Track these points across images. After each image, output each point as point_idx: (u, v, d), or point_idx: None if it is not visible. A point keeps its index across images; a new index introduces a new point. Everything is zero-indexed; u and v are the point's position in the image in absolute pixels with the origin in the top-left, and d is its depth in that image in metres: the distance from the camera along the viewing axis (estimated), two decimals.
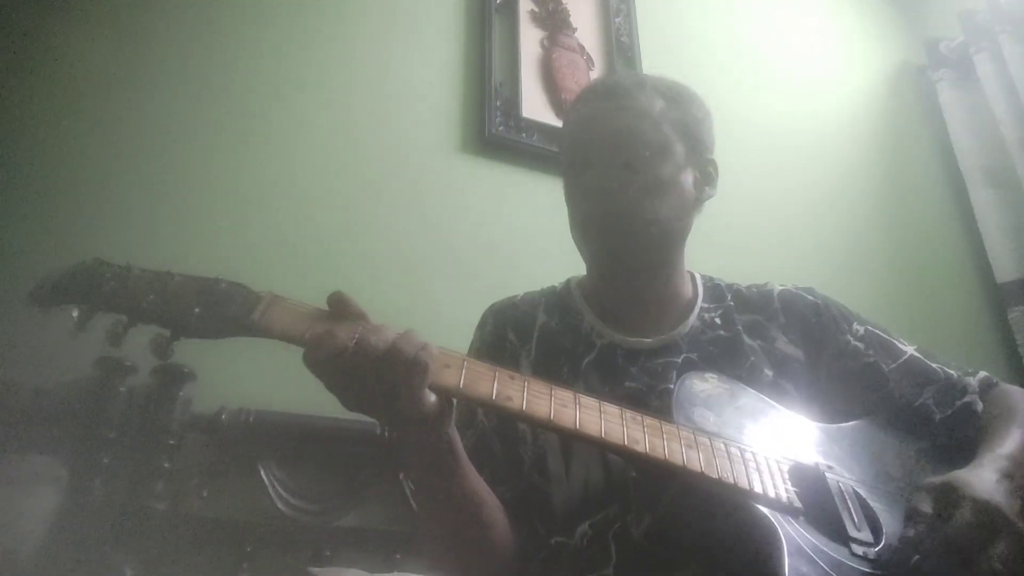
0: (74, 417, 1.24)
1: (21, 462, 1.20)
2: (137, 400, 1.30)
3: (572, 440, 0.87)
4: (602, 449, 0.78)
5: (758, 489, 0.76)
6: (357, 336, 0.69)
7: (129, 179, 1.50)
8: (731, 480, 0.75)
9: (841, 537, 0.78)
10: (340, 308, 0.73)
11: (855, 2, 2.84)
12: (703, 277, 1.13)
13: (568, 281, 1.13)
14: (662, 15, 2.31)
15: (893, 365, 1.04)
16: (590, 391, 0.92)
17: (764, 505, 0.76)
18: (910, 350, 1.07)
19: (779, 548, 0.72)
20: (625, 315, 1.04)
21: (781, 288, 1.11)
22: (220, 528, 1.31)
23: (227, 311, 0.71)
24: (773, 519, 0.75)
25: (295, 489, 1.38)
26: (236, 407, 1.35)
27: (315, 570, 1.30)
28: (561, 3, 2.17)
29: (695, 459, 0.75)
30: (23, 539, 1.15)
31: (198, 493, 1.31)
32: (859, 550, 0.77)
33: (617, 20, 2.22)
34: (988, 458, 0.86)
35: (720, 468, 0.76)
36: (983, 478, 0.81)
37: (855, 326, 1.07)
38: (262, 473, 1.36)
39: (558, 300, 1.09)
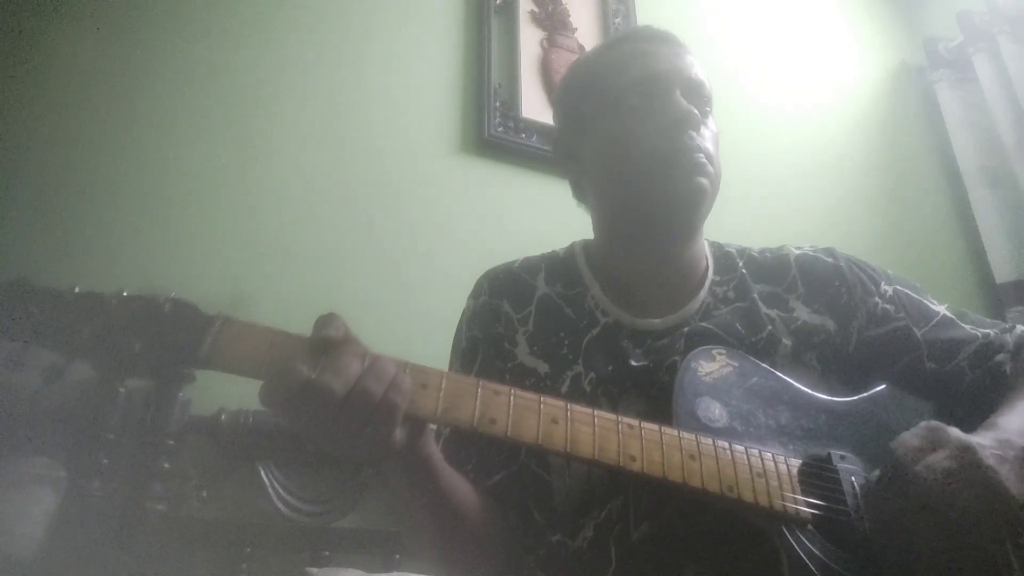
0: (73, 418, 1.24)
1: (20, 463, 1.20)
2: (136, 401, 1.30)
3: (566, 459, 0.81)
4: (597, 468, 0.74)
5: (764, 503, 0.72)
6: (315, 379, 0.61)
7: (118, 181, 1.50)
8: (734, 494, 0.72)
9: (849, 545, 0.74)
10: (323, 333, 0.65)
11: (854, 2, 2.84)
12: (711, 244, 1.04)
13: (572, 246, 1.05)
14: (661, 16, 2.30)
15: (925, 328, 0.95)
16: (592, 370, 0.88)
17: (768, 517, 0.73)
18: (942, 310, 0.98)
19: (777, 564, 0.70)
20: (634, 289, 0.95)
21: (798, 252, 1.02)
22: (219, 529, 1.31)
23: (172, 344, 0.63)
24: (775, 532, 0.72)
25: (294, 490, 1.38)
26: (235, 408, 1.35)
27: (314, 571, 1.30)
28: (560, 4, 2.17)
29: (696, 472, 0.71)
30: (22, 540, 1.15)
31: (197, 494, 1.31)
32: (867, 560, 0.73)
33: (616, 21, 2.22)
34: (982, 428, 0.79)
35: (723, 479, 0.72)
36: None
37: (883, 286, 0.98)
38: (261, 474, 1.36)
39: (561, 267, 1.01)
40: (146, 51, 1.62)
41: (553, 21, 2.14)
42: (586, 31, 2.18)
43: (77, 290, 0.64)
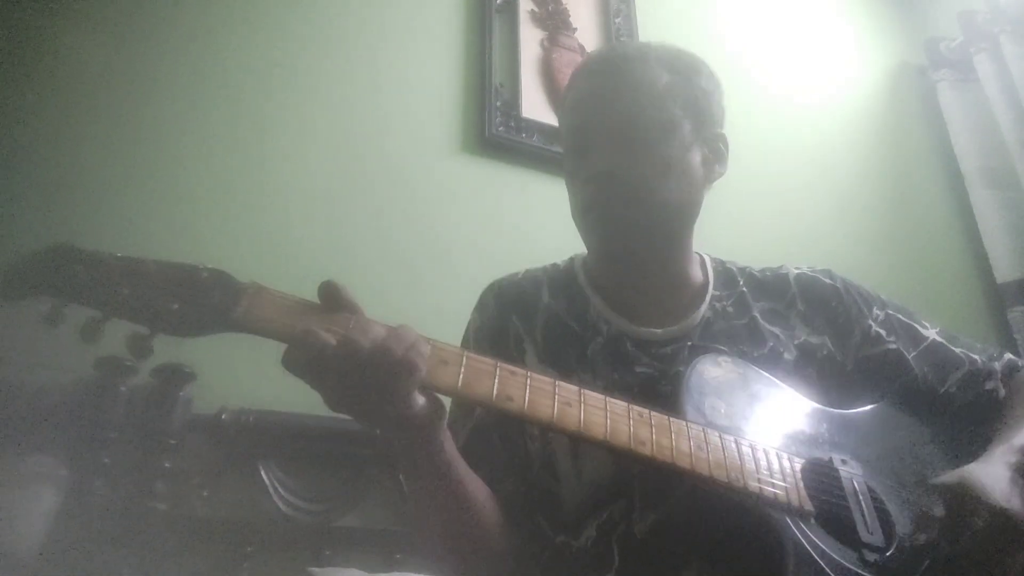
0: (75, 417, 1.24)
1: (22, 462, 1.20)
2: (138, 400, 1.29)
3: (577, 441, 0.84)
4: (607, 451, 0.76)
5: (768, 493, 0.74)
6: (343, 334, 0.65)
7: (127, 178, 1.50)
8: (740, 484, 0.73)
9: (852, 541, 0.76)
10: (331, 299, 0.70)
11: (855, 2, 2.84)
12: (713, 260, 1.07)
13: (572, 259, 1.07)
14: (662, 15, 2.31)
15: (915, 352, 1.00)
16: (598, 378, 0.90)
17: (773, 509, 0.74)
18: (932, 334, 1.02)
19: (783, 555, 0.71)
20: (633, 302, 0.98)
21: (798, 272, 1.05)
22: (220, 528, 1.31)
23: (208, 306, 0.66)
24: (780, 523, 0.73)
25: (295, 489, 1.38)
26: (237, 407, 1.35)
27: (315, 570, 1.30)
28: (561, 3, 2.17)
29: (703, 461, 0.73)
30: (23, 539, 1.15)
31: (198, 493, 1.32)
32: (869, 556, 0.75)
33: (617, 20, 2.22)
34: (1001, 450, 0.84)
35: (729, 470, 0.73)
36: (996, 476, 0.78)
37: (875, 310, 1.02)
38: (262, 473, 1.36)
39: (562, 279, 1.03)
40: (155, 51, 1.62)
41: (554, 21, 2.14)
42: (587, 31, 2.18)
43: (119, 255, 0.67)
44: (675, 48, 1.03)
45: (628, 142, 0.94)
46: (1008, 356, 1.03)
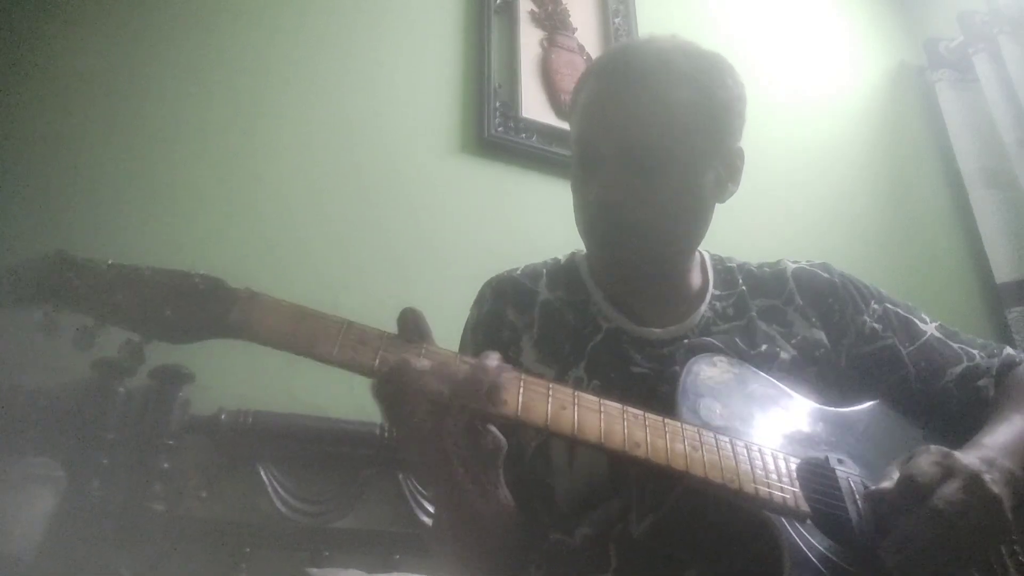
0: (73, 418, 1.24)
1: (20, 463, 1.20)
2: (135, 401, 1.30)
3: (573, 444, 0.83)
4: (603, 453, 0.76)
5: (764, 494, 0.74)
6: (425, 377, 0.68)
7: (123, 179, 1.50)
8: (736, 485, 0.73)
9: (847, 541, 0.76)
10: (411, 327, 0.71)
11: (854, 2, 2.84)
12: (713, 258, 1.06)
13: (573, 254, 1.06)
14: (661, 16, 2.31)
15: (911, 347, 0.99)
16: (594, 375, 0.90)
17: (769, 510, 0.74)
18: (931, 329, 1.01)
19: (780, 555, 0.70)
20: (633, 301, 0.97)
21: (795, 266, 1.05)
22: (219, 529, 1.31)
23: (201, 312, 0.67)
24: (777, 524, 0.73)
25: (294, 490, 1.38)
26: (235, 408, 1.35)
27: (314, 571, 1.30)
28: (560, 3, 2.17)
29: (699, 461, 0.72)
30: (21, 540, 1.15)
31: (197, 494, 1.31)
32: (864, 554, 0.74)
33: (616, 20, 2.22)
34: (967, 447, 0.83)
35: (724, 471, 0.73)
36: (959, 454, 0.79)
37: (872, 305, 1.01)
38: (261, 474, 1.36)
39: (562, 273, 1.02)
40: (151, 50, 1.62)
41: (553, 21, 2.14)
42: (586, 31, 2.18)
43: (110, 262, 0.68)
44: (698, 52, 0.96)
45: (637, 169, 0.89)
46: (1007, 352, 1.01)
